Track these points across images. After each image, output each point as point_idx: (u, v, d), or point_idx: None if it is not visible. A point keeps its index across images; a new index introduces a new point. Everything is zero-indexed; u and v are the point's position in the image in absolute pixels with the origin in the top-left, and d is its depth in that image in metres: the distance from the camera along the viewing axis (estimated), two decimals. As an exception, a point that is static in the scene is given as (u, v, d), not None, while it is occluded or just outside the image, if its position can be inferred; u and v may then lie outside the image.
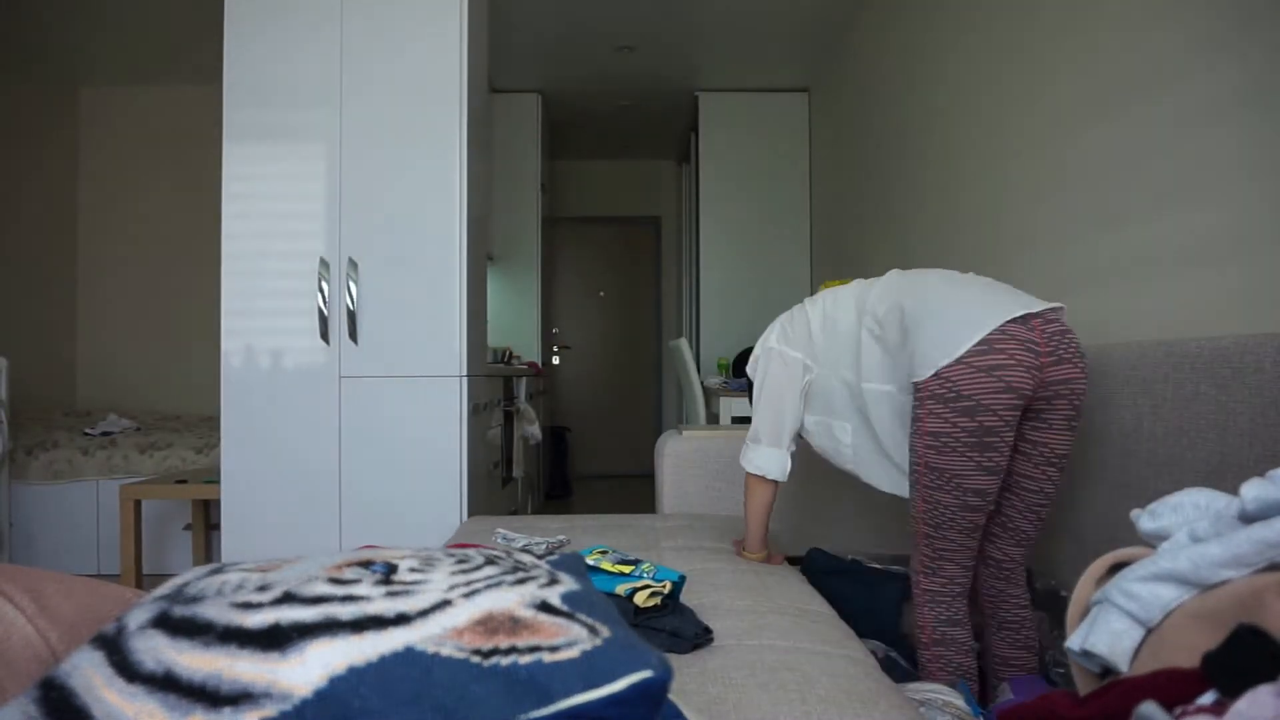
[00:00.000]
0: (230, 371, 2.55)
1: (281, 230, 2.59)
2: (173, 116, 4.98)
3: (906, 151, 3.57)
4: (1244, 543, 0.78)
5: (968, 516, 1.51)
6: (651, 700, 0.50)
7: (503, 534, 1.97)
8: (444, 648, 0.49)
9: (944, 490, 1.50)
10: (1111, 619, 0.85)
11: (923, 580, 1.59)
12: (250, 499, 2.54)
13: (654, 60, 4.94)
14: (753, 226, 5.39)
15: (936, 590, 1.57)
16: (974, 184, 2.86)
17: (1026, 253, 2.46)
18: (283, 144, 2.60)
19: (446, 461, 2.55)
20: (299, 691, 0.46)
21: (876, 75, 4.02)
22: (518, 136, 5.45)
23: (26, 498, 3.69)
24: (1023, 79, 2.48)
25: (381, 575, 0.57)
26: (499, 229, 5.31)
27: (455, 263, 2.56)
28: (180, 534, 3.67)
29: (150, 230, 5.01)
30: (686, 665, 1.17)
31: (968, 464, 1.47)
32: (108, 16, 4.14)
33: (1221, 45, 1.64)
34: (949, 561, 1.55)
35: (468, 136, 2.58)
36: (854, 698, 1.06)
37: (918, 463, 1.53)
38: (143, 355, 5.01)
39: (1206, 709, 0.63)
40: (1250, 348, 1.38)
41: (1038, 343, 1.45)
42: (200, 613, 0.52)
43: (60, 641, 0.58)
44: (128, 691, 0.47)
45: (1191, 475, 1.48)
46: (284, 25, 2.55)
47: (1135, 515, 0.96)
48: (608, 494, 6.18)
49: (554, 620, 0.53)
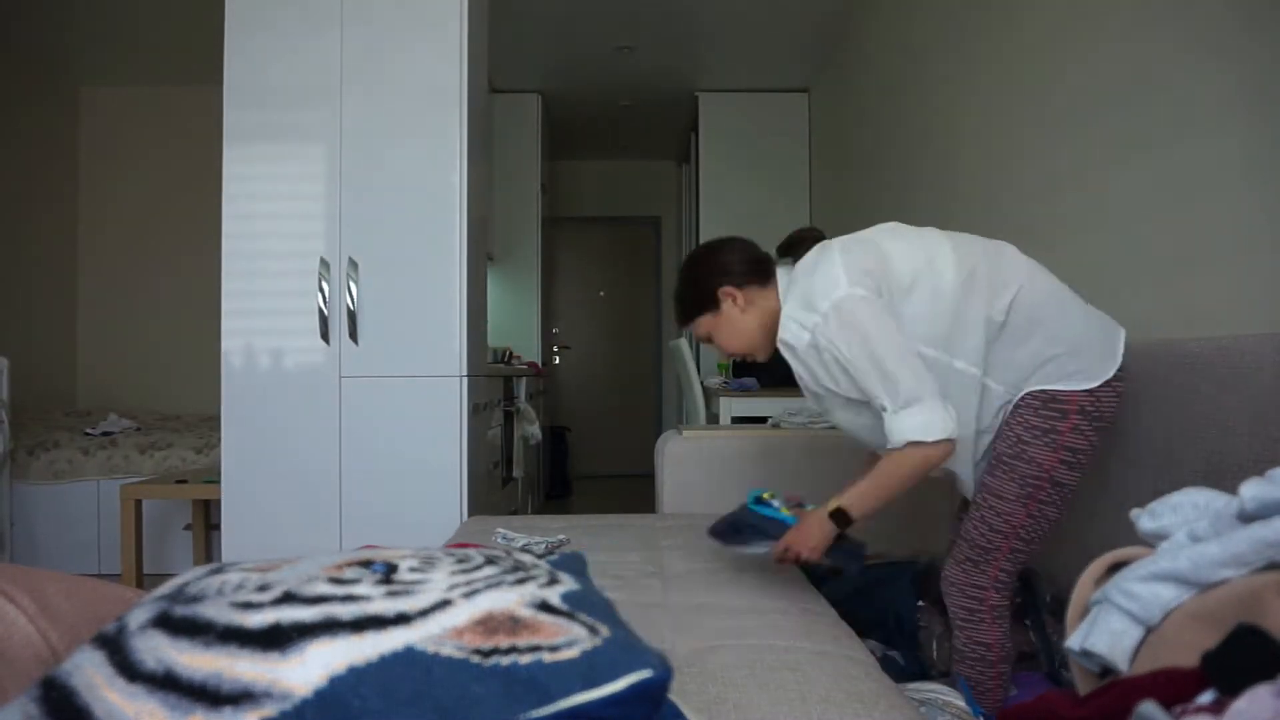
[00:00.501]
0: (230, 371, 2.55)
1: (281, 230, 2.59)
2: (173, 116, 4.98)
3: (906, 152, 3.57)
4: (1243, 542, 0.78)
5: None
6: (651, 700, 0.50)
7: (503, 534, 1.97)
8: (444, 647, 0.49)
9: (1055, 506, 1.46)
10: (1111, 619, 0.85)
11: (994, 596, 1.49)
12: (250, 499, 2.53)
13: (654, 60, 4.94)
14: (753, 227, 5.33)
15: (1005, 606, 1.51)
16: (974, 184, 2.85)
17: (1026, 252, 2.46)
18: (283, 144, 2.60)
19: (446, 461, 2.55)
20: (299, 691, 0.46)
21: (876, 75, 4.02)
22: (518, 136, 5.45)
23: (27, 498, 3.69)
24: (1022, 79, 2.48)
25: (381, 575, 0.57)
26: (499, 229, 5.31)
27: (455, 263, 2.56)
28: (180, 534, 3.67)
29: (150, 230, 5.01)
30: (687, 665, 1.17)
31: (1079, 482, 1.47)
32: (108, 16, 4.14)
33: (1222, 45, 1.64)
34: (1015, 576, 1.52)
35: (468, 136, 2.58)
36: (854, 698, 1.06)
37: (1040, 475, 1.43)
38: (143, 355, 5.00)
39: (1206, 708, 0.63)
40: (1250, 348, 1.38)
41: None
42: (201, 612, 0.52)
43: (61, 641, 0.58)
44: (128, 691, 0.47)
45: (1191, 475, 1.48)
46: (284, 25, 2.55)
47: (1135, 515, 0.96)
48: (608, 494, 6.18)
49: (554, 620, 0.53)
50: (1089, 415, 1.43)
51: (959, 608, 1.52)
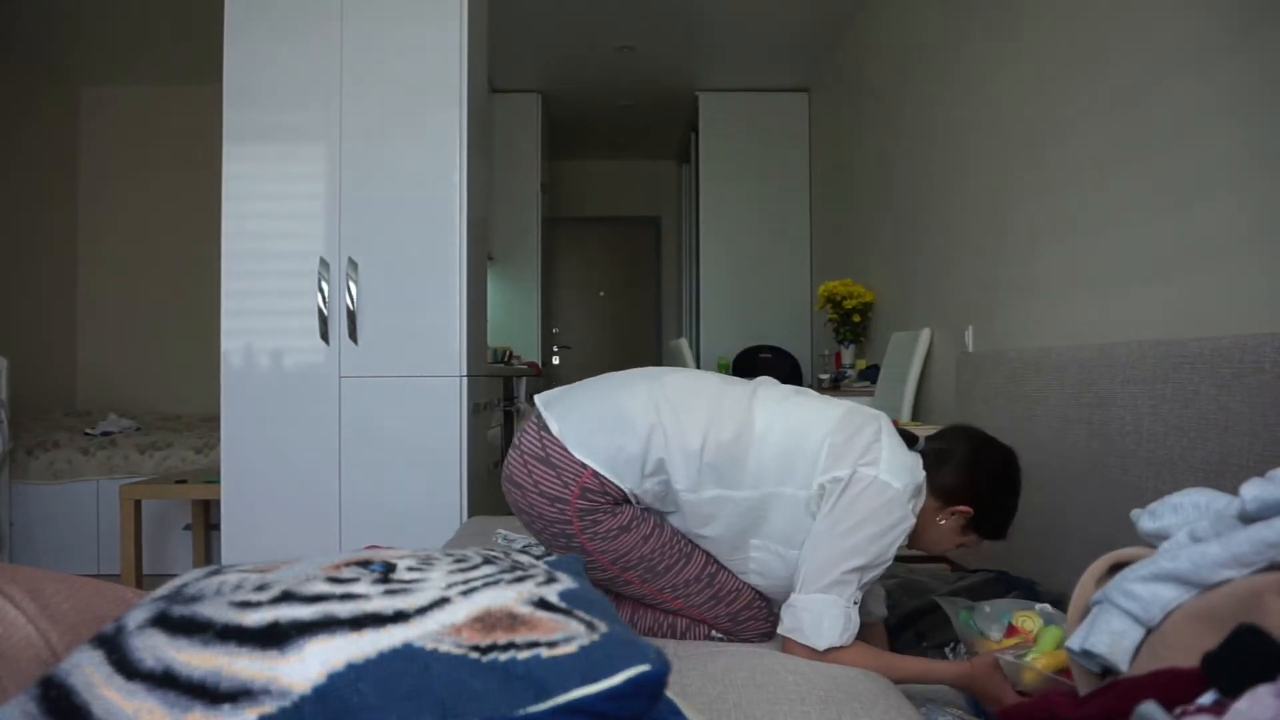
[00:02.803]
0: (230, 371, 2.55)
1: (281, 230, 2.59)
2: (173, 116, 4.98)
3: (906, 151, 3.57)
4: (1244, 543, 0.78)
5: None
6: (648, 694, 0.50)
7: (503, 534, 1.97)
8: (442, 644, 0.49)
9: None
10: (1112, 619, 0.85)
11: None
12: (250, 499, 2.53)
13: (654, 60, 4.94)
14: (753, 226, 5.39)
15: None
16: (974, 183, 2.85)
17: (1027, 252, 2.46)
18: (282, 144, 2.60)
19: (446, 461, 2.55)
20: (298, 688, 0.46)
21: (876, 75, 4.02)
22: (518, 136, 5.45)
23: (27, 498, 3.69)
24: (1024, 78, 2.48)
25: (379, 574, 0.57)
26: (499, 229, 5.31)
27: (455, 263, 2.56)
28: (180, 534, 3.67)
29: (150, 230, 5.00)
30: (688, 666, 1.17)
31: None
32: (108, 17, 4.14)
33: (1223, 45, 1.64)
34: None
35: (468, 136, 2.58)
36: (854, 698, 1.06)
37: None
38: (143, 355, 5.00)
39: (1206, 709, 0.63)
40: (1250, 348, 1.38)
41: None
42: (199, 611, 0.52)
43: (61, 641, 0.58)
44: (127, 689, 0.47)
45: (1191, 475, 1.48)
46: (284, 25, 2.55)
47: (1135, 515, 0.96)
48: (608, 494, 6.17)
49: (552, 616, 0.53)
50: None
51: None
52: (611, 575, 1.33)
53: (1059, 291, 2.28)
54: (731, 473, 1.29)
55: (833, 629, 1.21)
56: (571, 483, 1.29)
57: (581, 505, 1.29)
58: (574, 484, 1.29)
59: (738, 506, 1.30)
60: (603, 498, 1.29)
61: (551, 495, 1.30)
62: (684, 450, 1.29)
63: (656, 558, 1.31)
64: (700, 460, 1.29)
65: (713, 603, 1.34)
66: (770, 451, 1.29)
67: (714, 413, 1.32)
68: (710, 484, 1.30)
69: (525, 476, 1.32)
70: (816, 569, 1.24)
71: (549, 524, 1.31)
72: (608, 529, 1.29)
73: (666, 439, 1.29)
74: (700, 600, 1.34)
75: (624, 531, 1.29)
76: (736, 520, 1.31)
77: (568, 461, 1.30)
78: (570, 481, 1.29)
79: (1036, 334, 2.38)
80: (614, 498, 1.30)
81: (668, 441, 1.29)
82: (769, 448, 1.29)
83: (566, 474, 1.29)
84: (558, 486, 1.29)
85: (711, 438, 1.29)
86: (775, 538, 1.31)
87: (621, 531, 1.29)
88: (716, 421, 1.31)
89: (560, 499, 1.29)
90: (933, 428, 1.60)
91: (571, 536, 1.30)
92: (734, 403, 1.34)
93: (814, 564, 1.24)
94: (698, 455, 1.29)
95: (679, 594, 1.34)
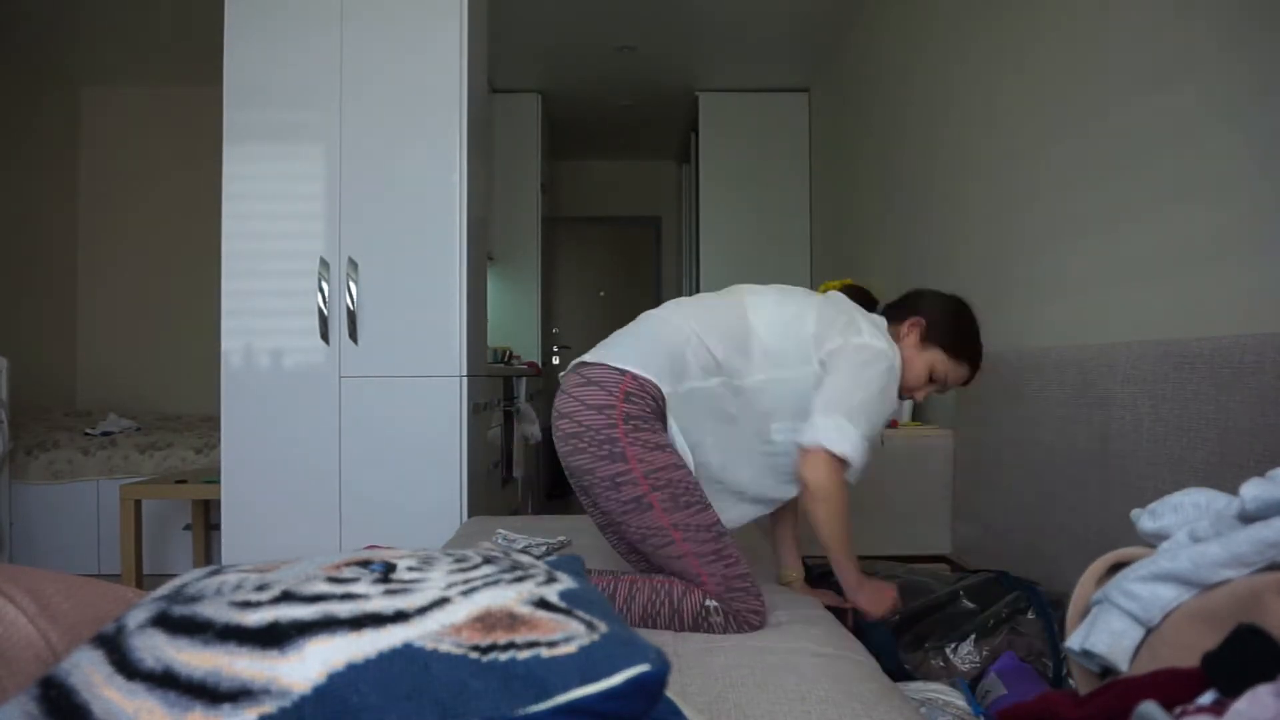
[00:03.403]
0: (230, 371, 2.55)
1: (281, 230, 2.59)
2: (173, 116, 4.98)
3: (906, 151, 3.58)
4: (1244, 543, 0.78)
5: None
6: (648, 694, 0.50)
7: (503, 534, 1.97)
8: (442, 644, 0.49)
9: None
10: (1111, 619, 0.85)
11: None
12: (250, 499, 2.53)
13: (654, 60, 4.94)
14: (753, 226, 5.39)
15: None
16: (974, 183, 2.85)
17: (1027, 252, 2.46)
18: (282, 144, 2.60)
19: (446, 461, 2.55)
20: (298, 688, 0.46)
21: (876, 75, 4.02)
22: (518, 136, 5.44)
23: (27, 498, 3.69)
24: (1024, 78, 2.48)
25: (379, 574, 0.57)
26: (499, 229, 5.31)
27: (455, 263, 2.56)
28: (180, 534, 3.67)
29: (150, 230, 5.00)
30: (688, 666, 1.17)
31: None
32: (108, 17, 4.14)
33: (1223, 45, 1.64)
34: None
35: (467, 137, 2.58)
36: (854, 698, 1.06)
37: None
38: (143, 355, 5.00)
39: (1206, 709, 0.63)
40: (1250, 348, 1.38)
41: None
42: (199, 611, 0.52)
43: (61, 641, 0.58)
44: (127, 689, 0.47)
45: (1191, 475, 1.48)
46: (284, 25, 2.55)
47: (1135, 515, 0.96)
48: (608, 494, 6.17)
49: (552, 616, 0.53)
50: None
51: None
52: (639, 494, 1.41)
53: (1059, 291, 2.28)
54: (740, 364, 1.51)
55: (852, 442, 1.41)
56: (614, 389, 1.43)
57: (627, 409, 1.42)
58: (617, 390, 1.43)
59: (748, 394, 1.51)
60: (644, 404, 1.43)
61: (598, 405, 1.43)
62: (708, 348, 1.49)
63: (681, 489, 1.42)
64: (723, 354, 1.50)
65: (714, 558, 1.42)
66: (773, 342, 1.52)
67: (715, 318, 1.55)
68: (735, 374, 1.51)
69: (571, 402, 1.47)
70: (833, 399, 1.44)
71: (595, 434, 1.42)
72: (647, 439, 1.41)
73: (695, 339, 1.50)
74: (704, 550, 1.41)
75: (660, 449, 1.42)
76: (755, 404, 1.51)
77: (607, 373, 1.46)
78: (613, 389, 1.43)
79: (1036, 334, 2.38)
80: (656, 404, 1.44)
81: (699, 340, 1.49)
82: (772, 340, 1.53)
83: (609, 384, 1.44)
84: (602, 396, 1.44)
85: (718, 337, 1.51)
86: (793, 415, 1.50)
87: (659, 449, 1.42)
88: (721, 325, 1.54)
89: (607, 405, 1.42)
90: (932, 426, 1.67)
91: (615, 441, 1.41)
92: (727, 311, 1.57)
93: (829, 396, 1.45)
94: (719, 351, 1.50)
95: (689, 535, 1.41)
